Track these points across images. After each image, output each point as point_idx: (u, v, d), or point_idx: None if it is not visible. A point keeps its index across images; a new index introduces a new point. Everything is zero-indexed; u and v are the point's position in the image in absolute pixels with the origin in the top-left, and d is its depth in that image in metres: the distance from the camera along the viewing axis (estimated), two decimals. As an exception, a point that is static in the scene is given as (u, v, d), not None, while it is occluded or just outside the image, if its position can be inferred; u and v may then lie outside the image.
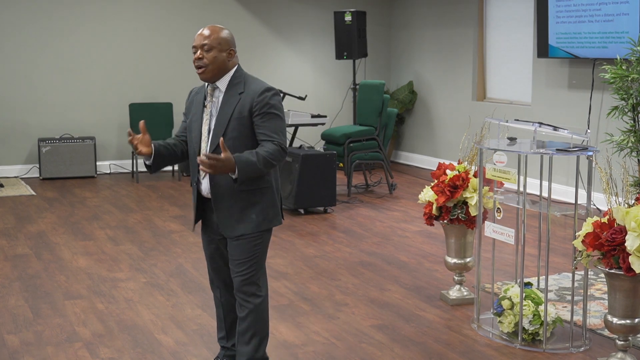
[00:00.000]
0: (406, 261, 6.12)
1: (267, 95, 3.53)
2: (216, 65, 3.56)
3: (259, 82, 3.61)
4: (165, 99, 10.48)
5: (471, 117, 9.32)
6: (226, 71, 3.60)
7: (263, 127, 3.51)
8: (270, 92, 3.55)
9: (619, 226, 3.79)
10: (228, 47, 3.57)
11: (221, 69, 3.58)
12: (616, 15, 7.52)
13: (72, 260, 6.14)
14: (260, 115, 3.51)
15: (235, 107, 3.53)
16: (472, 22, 9.96)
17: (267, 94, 3.53)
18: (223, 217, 3.61)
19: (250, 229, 3.58)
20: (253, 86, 3.57)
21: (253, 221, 3.58)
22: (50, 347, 4.34)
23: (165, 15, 10.47)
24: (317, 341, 4.43)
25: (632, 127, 5.81)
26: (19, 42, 9.84)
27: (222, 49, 3.56)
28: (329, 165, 7.81)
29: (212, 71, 3.56)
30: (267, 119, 3.51)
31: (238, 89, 3.57)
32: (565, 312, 4.79)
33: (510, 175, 4.38)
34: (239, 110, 3.53)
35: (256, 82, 3.60)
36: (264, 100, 3.51)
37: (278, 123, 3.54)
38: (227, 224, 3.61)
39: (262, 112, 3.51)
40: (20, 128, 9.96)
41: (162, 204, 8.33)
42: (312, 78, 11.23)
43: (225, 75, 3.60)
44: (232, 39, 3.61)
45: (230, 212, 3.59)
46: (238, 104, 3.53)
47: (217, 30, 3.57)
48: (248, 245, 3.60)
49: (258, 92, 3.53)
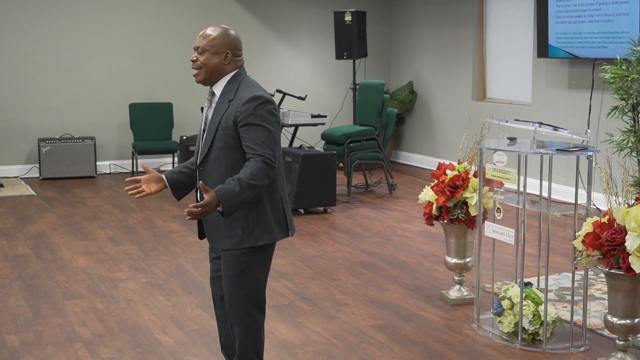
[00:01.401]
0: (406, 261, 6.12)
1: (252, 105, 3.27)
2: (208, 68, 3.36)
3: (252, 89, 3.35)
4: (165, 99, 10.48)
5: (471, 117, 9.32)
6: (221, 75, 3.39)
7: (246, 139, 3.27)
8: (257, 101, 3.28)
9: (619, 226, 3.79)
10: (224, 50, 3.36)
11: (214, 73, 3.38)
12: (616, 15, 7.52)
13: (72, 260, 6.14)
14: (245, 127, 3.27)
15: (222, 115, 3.33)
16: (472, 22, 9.96)
17: (252, 103, 3.28)
18: (210, 228, 3.47)
19: (234, 244, 3.37)
20: (243, 94, 3.32)
21: (238, 236, 3.36)
22: (50, 347, 4.34)
23: (166, 15, 10.47)
24: (317, 341, 4.43)
25: (632, 127, 5.81)
26: (19, 42, 9.84)
27: (216, 51, 3.35)
28: (329, 165, 7.81)
29: (203, 74, 3.37)
30: (250, 131, 3.26)
31: (229, 96, 3.35)
32: (565, 312, 4.79)
33: (510, 175, 4.38)
34: (225, 120, 3.32)
35: (248, 89, 3.34)
36: (247, 110, 3.26)
37: (262, 134, 3.26)
38: (213, 236, 3.47)
39: (245, 123, 3.27)
40: (20, 128, 9.96)
41: (162, 204, 8.33)
42: (312, 78, 11.23)
43: (221, 79, 3.40)
44: (230, 42, 3.38)
45: (216, 224, 3.41)
46: (225, 113, 3.33)
47: (216, 31, 3.37)
48: (235, 261, 3.38)
49: (243, 100, 3.29)
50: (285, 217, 3.43)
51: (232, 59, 3.40)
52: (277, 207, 3.41)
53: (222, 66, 3.38)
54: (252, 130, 3.27)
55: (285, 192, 3.48)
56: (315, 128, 10.21)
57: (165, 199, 8.59)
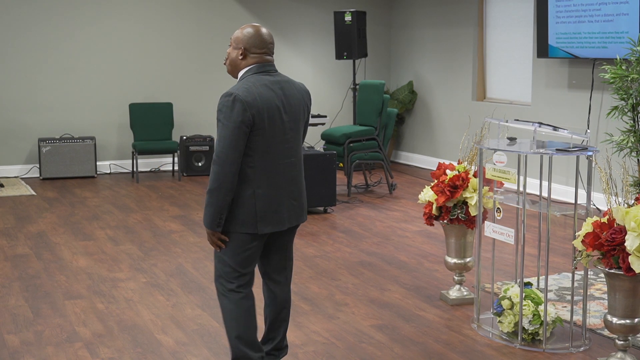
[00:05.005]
0: (406, 261, 6.12)
1: (220, 101, 3.43)
2: (230, 61, 3.59)
3: (237, 86, 3.48)
4: (165, 99, 10.48)
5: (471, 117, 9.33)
6: (237, 70, 3.57)
7: None
8: (223, 97, 3.42)
9: (619, 226, 3.79)
10: (239, 46, 3.53)
11: (233, 67, 3.58)
12: (616, 15, 7.52)
13: (72, 260, 6.15)
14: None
15: None
16: (472, 22, 9.96)
17: (221, 100, 3.43)
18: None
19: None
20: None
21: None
22: (51, 347, 4.34)
23: (166, 15, 10.47)
24: (317, 341, 4.44)
25: (632, 127, 5.82)
26: (19, 42, 9.84)
27: (235, 46, 3.55)
28: (329, 165, 7.81)
29: (228, 66, 3.60)
30: (217, 128, 3.45)
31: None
32: (565, 312, 4.80)
33: (510, 175, 4.38)
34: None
35: (234, 86, 3.48)
36: (218, 106, 3.44)
37: (219, 131, 3.41)
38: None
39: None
40: (20, 128, 9.96)
41: (162, 204, 8.33)
42: (312, 78, 11.23)
43: (238, 74, 3.58)
44: (247, 39, 3.52)
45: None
46: None
47: (242, 28, 3.56)
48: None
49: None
50: (255, 213, 3.51)
51: (246, 56, 3.54)
52: (246, 202, 3.50)
53: (237, 61, 3.56)
54: (217, 127, 3.45)
55: (267, 189, 3.53)
56: (315, 128, 10.21)
57: (166, 199, 8.59)
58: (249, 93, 3.40)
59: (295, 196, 3.64)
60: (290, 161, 3.59)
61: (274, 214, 3.56)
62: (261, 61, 3.55)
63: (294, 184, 3.63)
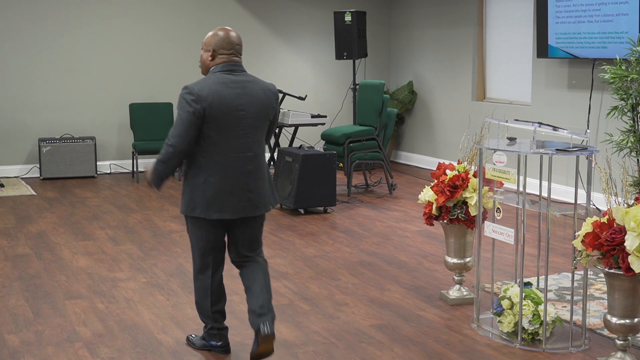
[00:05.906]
0: (406, 261, 6.12)
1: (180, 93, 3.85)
2: (201, 63, 3.95)
3: (197, 81, 3.84)
4: (165, 99, 10.49)
5: (471, 117, 9.33)
6: (208, 71, 3.92)
7: None
8: (182, 90, 3.83)
9: (619, 226, 3.80)
10: (209, 48, 3.87)
11: (204, 68, 3.93)
12: (616, 15, 7.52)
13: (72, 260, 6.15)
14: None
15: None
16: (472, 22, 9.97)
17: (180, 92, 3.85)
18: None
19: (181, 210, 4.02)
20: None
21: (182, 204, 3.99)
22: (51, 347, 4.34)
23: (165, 15, 10.47)
24: (317, 341, 4.44)
25: (632, 127, 5.82)
26: (19, 42, 9.85)
27: (206, 49, 3.90)
28: (329, 165, 7.82)
29: (201, 68, 3.96)
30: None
31: None
32: (564, 311, 4.80)
33: (510, 175, 4.39)
34: None
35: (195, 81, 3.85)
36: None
37: (175, 119, 3.90)
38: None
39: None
40: (20, 128, 9.97)
41: (162, 204, 8.33)
42: (312, 78, 11.23)
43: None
44: (215, 41, 3.86)
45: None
46: None
47: (213, 31, 3.89)
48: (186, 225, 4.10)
49: None
50: (207, 199, 3.86)
51: (215, 57, 3.89)
52: (199, 188, 3.87)
53: (207, 63, 3.92)
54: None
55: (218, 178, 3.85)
56: (315, 128, 10.22)
57: (166, 199, 8.59)
58: (202, 88, 3.77)
59: (250, 188, 3.91)
60: (245, 155, 3.87)
61: (224, 202, 3.87)
62: (228, 61, 3.88)
63: (251, 178, 3.91)
